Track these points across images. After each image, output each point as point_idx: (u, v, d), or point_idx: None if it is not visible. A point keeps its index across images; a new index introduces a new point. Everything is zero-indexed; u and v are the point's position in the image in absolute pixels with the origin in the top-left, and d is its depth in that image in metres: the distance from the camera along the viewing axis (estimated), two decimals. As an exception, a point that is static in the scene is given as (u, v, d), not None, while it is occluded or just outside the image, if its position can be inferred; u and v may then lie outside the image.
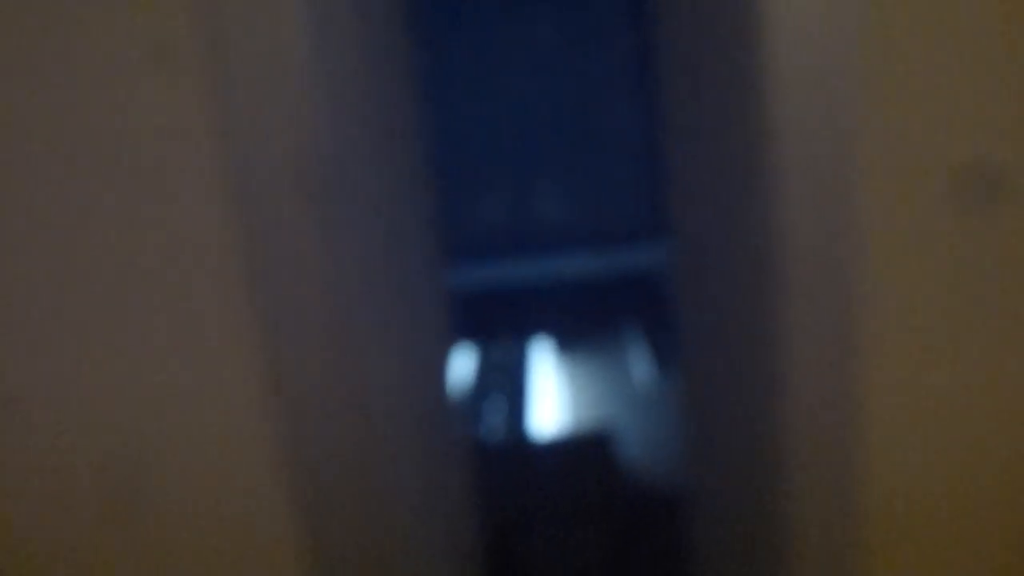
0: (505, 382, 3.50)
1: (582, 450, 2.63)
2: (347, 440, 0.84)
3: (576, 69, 4.27)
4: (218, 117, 0.78)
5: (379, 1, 1.02)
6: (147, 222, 0.82)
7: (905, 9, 0.80)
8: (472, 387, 3.45)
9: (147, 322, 0.84)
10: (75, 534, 0.89)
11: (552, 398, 3.37)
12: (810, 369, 0.84)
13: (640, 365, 3.71)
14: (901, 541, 0.91)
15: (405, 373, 1.03)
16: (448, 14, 4.18)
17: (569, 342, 4.11)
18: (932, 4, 0.80)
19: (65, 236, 0.82)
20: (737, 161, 0.90)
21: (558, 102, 4.32)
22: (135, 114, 0.79)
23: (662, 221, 1.19)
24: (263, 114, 0.76)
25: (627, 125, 4.26)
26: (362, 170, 0.91)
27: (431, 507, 1.08)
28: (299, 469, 0.84)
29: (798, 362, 0.84)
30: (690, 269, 1.14)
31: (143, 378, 0.85)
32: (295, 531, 0.88)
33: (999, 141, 0.83)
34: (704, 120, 1.01)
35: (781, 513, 0.89)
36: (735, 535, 1.07)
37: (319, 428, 0.83)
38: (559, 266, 4.40)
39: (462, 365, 3.77)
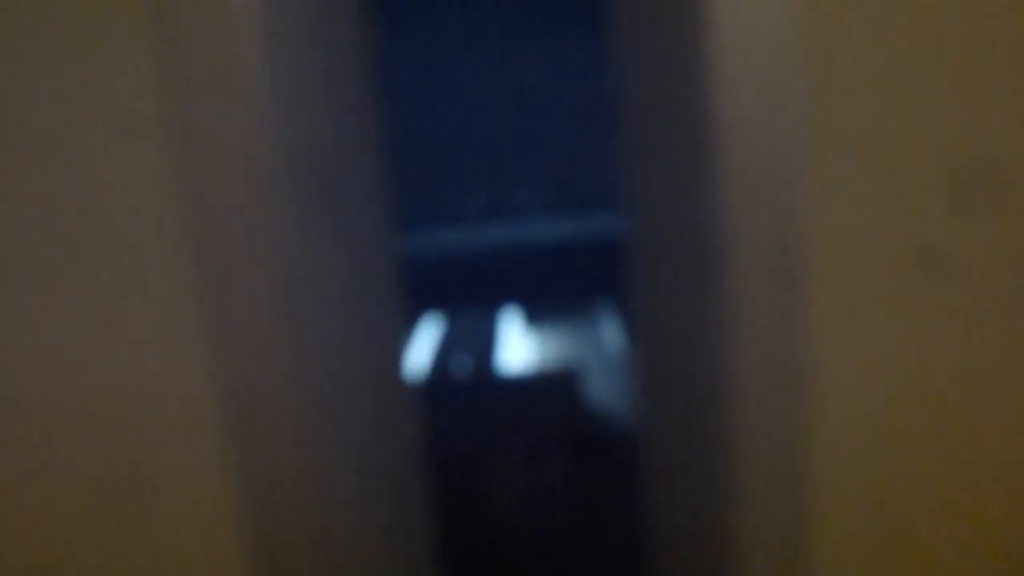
0: (473, 345, 3.52)
1: (547, 385, 2.64)
2: (294, 416, 0.90)
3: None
4: (177, 117, 0.81)
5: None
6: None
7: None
8: (439, 350, 3.46)
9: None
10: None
11: (519, 354, 3.40)
12: (752, 342, 0.89)
13: (609, 327, 3.77)
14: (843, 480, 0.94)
15: (356, 342, 1.09)
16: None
17: (539, 308, 4.15)
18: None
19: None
20: (686, 145, 0.94)
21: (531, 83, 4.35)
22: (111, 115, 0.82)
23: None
24: (217, 107, 0.80)
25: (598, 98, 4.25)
26: (317, 154, 0.96)
27: (382, 461, 1.15)
28: (247, 433, 0.89)
29: (742, 335, 0.89)
30: (642, 246, 1.18)
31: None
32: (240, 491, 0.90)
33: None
34: (658, 110, 1.05)
35: (723, 455, 0.96)
36: (683, 473, 1.14)
37: (267, 403, 0.89)
38: (530, 233, 4.39)
39: (430, 333, 3.79)
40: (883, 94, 0.85)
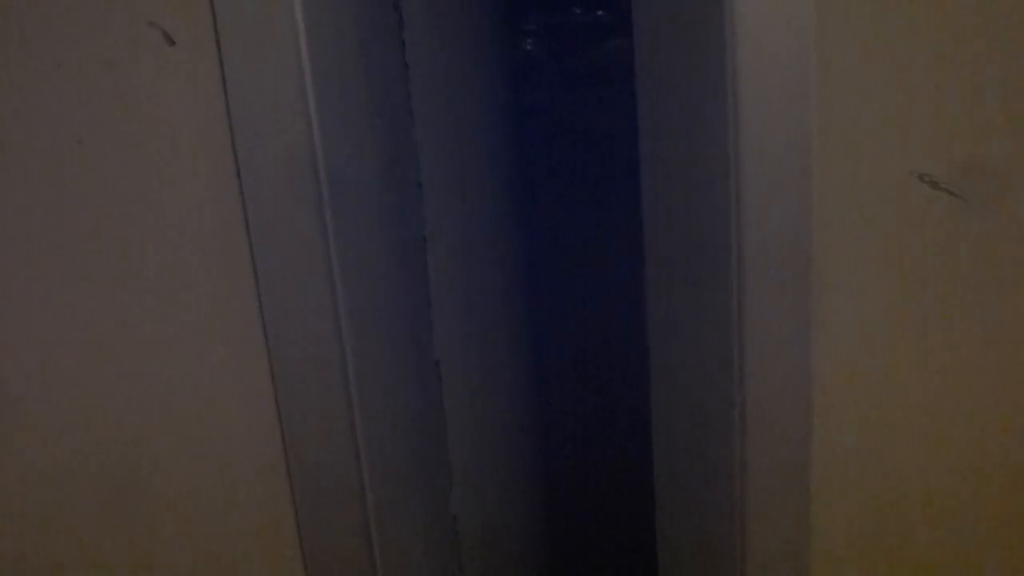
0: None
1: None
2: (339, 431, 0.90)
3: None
4: (223, 111, 0.81)
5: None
6: (146, 218, 0.85)
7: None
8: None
9: (147, 319, 0.88)
10: (75, 533, 0.93)
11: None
12: (763, 345, 0.90)
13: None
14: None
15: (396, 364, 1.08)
16: None
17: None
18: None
19: (64, 232, 0.86)
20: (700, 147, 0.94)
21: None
22: (136, 107, 0.83)
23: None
24: (266, 108, 0.81)
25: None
26: (363, 164, 0.95)
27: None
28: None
29: (754, 338, 0.90)
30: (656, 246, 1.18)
31: (144, 376, 0.89)
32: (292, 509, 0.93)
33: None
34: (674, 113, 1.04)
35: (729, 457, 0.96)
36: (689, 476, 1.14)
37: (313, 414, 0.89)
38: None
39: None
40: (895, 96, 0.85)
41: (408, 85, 1.06)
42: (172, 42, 0.82)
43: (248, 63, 0.80)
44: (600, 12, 1.90)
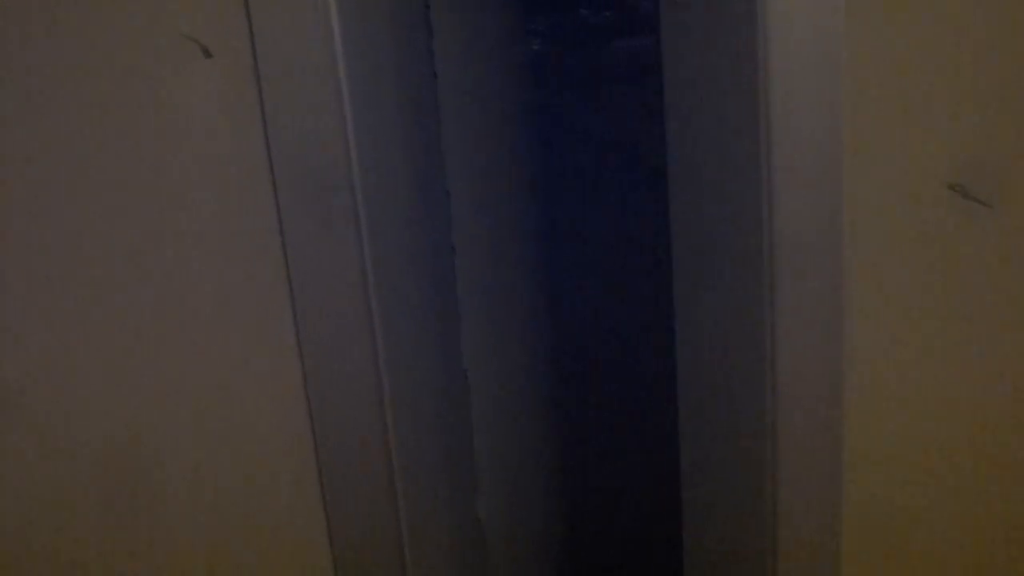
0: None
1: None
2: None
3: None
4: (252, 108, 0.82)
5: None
6: (181, 228, 0.87)
7: (903, 8, 0.82)
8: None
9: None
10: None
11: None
12: (796, 337, 0.90)
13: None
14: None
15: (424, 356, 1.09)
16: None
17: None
18: (931, 3, 0.82)
19: (100, 239, 0.87)
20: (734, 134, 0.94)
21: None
22: (173, 119, 0.84)
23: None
24: (302, 120, 0.82)
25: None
26: (392, 164, 0.96)
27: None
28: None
29: (787, 331, 0.90)
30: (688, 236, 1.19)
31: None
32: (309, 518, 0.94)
33: (999, 140, 0.85)
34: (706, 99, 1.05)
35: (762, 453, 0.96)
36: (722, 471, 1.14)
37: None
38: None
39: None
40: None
41: (436, 94, 1.07)
42: (209, 55, 0.83)
43: (285, 76, 0.81)
44: (616, 13, 1.90)
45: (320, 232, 0.84)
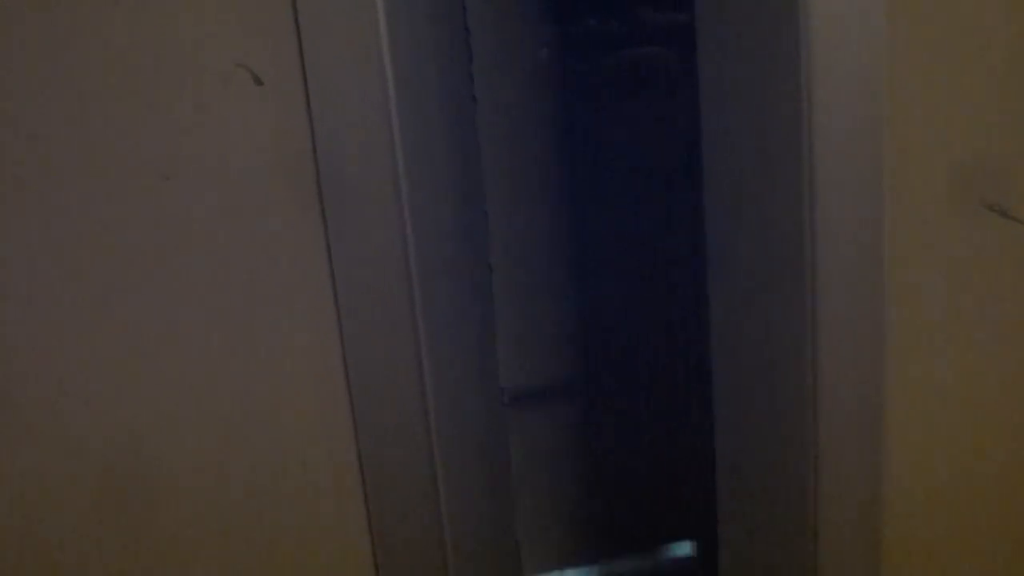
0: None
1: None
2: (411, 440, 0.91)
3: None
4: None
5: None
6: (230, 254, 0.87)
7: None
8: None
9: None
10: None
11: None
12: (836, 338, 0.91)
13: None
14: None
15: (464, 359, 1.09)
16: None
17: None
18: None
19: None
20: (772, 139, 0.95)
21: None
22: (223, 146, 0.85)
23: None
24: (353, 148, 0.83)
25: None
26: (433, 168, 0.97)
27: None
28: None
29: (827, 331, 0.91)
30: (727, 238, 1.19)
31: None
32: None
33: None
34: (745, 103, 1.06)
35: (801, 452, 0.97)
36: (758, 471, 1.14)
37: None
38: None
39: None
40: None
41: (475, 117, 1.08)
42: (260, 82, 0.84)
43: (336, 104, 0.82)
44: (653, 19, 1.89)
45: (369, 259, 0.85)
